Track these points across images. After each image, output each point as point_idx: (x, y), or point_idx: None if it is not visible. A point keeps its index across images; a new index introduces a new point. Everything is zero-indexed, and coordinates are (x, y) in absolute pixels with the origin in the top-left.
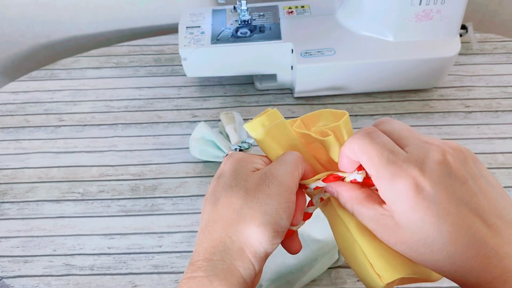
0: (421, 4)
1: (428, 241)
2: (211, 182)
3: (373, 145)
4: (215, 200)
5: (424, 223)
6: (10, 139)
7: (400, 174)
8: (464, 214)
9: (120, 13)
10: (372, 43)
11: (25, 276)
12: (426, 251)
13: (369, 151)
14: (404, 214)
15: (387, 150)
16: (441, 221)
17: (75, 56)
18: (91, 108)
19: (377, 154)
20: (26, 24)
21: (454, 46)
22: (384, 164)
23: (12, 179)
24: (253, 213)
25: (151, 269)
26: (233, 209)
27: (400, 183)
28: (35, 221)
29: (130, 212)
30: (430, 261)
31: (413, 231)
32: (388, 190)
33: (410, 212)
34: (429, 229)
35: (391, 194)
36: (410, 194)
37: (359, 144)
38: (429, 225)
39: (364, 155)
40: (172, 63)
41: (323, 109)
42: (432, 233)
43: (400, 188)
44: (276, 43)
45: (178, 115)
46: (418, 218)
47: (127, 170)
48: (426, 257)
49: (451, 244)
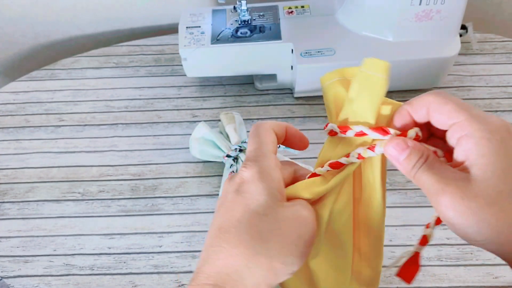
0: (421, 4)
1: (499, 197)
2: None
3: (452, 98)
4: None
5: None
6: (10, 139)
7: (491, 116)
8: None
9: (120, 13)
10: (372, 43)
11: (25, 276)
12: (505, 205)
13: (451, 101)
14: (494, 160)
15: (466, 103)
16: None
17: (75, 56)
18: (91, 108)
19: (462, 103)
20: (26, 24)
21: (454, 46)
22: (474, 108)
23: (12, 179)
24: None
25: (151, 269)
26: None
27: (496, 121)
28: (35, 221)
29: (130, 212)
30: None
31: (498, 179)
32: (483, 128)
33: (503, 155)
34: (503, 179)
35: (486, 132)
36: (506, 134)
37: (438, 97)
38: (504, 174)
39: (448, 104)
40: (172, 63)
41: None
42: (504, 183)
43: (497, 125)
44: (276, 43)
45: (178, 115)
46: (508, 163)
47: (127, 170)
48: (499, 217)
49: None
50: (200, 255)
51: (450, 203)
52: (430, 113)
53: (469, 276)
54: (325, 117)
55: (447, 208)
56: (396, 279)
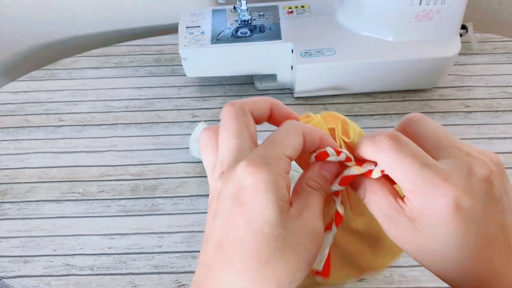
0: (421, 4)
1: (445, 252)
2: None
3: (406, 157)
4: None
5: (450, 236)
6: (10, 139)
7: (440, 193)
8: (492, 232)
9: (120, 13)
10: (372, 43)
11: (25, 276)
12: (435, 259)
13: (403, 165)
14: (432, 225)
15: (423, 164)
16: (469, 238)
17: (75, 56)
18: (91, 108)
19: (413, 170)
20: (26, 24)
21: (454, 46)
22: (422, 180)
23: (12, 179)
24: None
25: (151, 269)
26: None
27: (439, 202)
28: (35, 221)
29: (130, 212)
30: (435, 266)
31: (433, 240)
32: (423, 205)
33: (440, 225)
34: (452, 242)
35: (425, 209)
36: (448, 211)
37: (389, 156)
38: (454, 240)
39: (397, 169)
40: (172, 63)
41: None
42: (454, 247)
43: (438, 205)
44: (276, 43)
45: (178, 115)
46: (446, 231)
47: (127, 170)
48: (432, 263)
49: (468, 259)
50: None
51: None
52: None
53: None
54: None
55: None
56: (396, 279)
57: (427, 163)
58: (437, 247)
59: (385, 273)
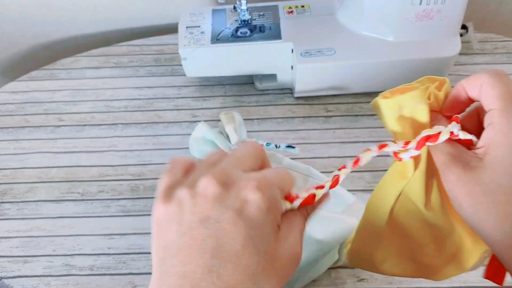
0: (421, 4)
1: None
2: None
3: (505, 81)
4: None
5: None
6: (10, 139)
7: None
8: None
9: (120, 13)
10: (372, 43)
11: (25, 276)
12: (497, 199)
13: (500, 86)
14: (505, 154)
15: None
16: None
17: (75, 56)
18: (90, 108)
19: (508, 91)
20: (26, 24)
21: (454, 46)
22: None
23: (11, 179)
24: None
25: (151, 269)
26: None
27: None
28: (35, 221)
29: (130, 212)
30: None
31: (503, 173)
32: (505, 123)
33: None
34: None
35: (506, 127)
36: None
37: (491, 79)
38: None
39: (494, 89)
40: (172, 63)
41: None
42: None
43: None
44: (276, 43)
45: (178, 115)
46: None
47: (127, 170)
48: (492, 209)
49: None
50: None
51: (455, 183)
52: (481, 93)
53: (469, 276)
54: (325, 117)
55: (452, 186)
56: (396, 279)
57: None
58: (505, 180)
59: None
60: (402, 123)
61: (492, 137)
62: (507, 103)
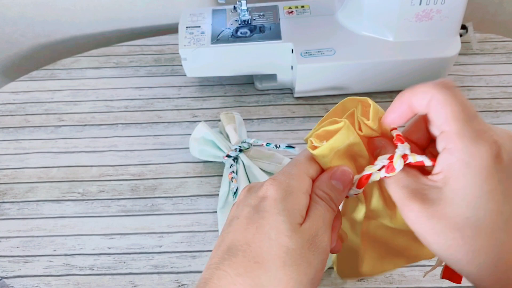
0: (421, 4)
1: (478, 222)
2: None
3: (458, 98)
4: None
5: (487, 198)
6: (10, 139)
7: (484, 136)
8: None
9: (120, 13)
10: (372, 43)
11: (25, 276)
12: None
13: (453, 104)
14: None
15: (472, 110)
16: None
17: (75, 56)
18: (91, 108)
19: (463, 109)
20: (26, 24)
21: (454, 46)
22: (470, 121)
23: (12, 179)
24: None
25: (151, 269)
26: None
27: (483, 145)
28: (35, 221)
29: (130, 212)
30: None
31: (467, 206)
32: (465, 150)
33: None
34: (488, 207)
35: (467, 155)
36: (489, 160)
37: (441, 95)
38: (492, 203)
39: (446, 107)
40: (172, 63)
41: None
42: (490, 214)
43: (482, 150)
44: (276, 43)
45: (178, 115)
46: (483, 191)
47: (127, 170)
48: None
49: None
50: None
51: (415, 220)
52: (430, 109)
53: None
54: None
55: (413, 223)
56: (396, 279)
57: (477, 114)
58: (471, 215)
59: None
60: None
61: (451, 165)
62: (463, 125)
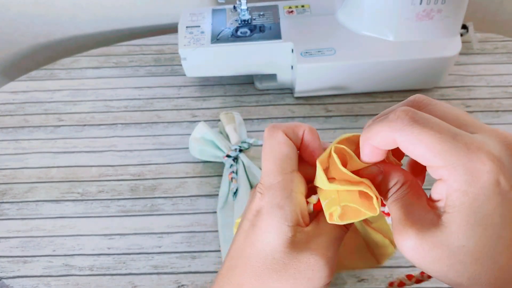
0: (421, 3)
1: (476, 248)
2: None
3: (427, 131)
4: None
5: (484, 224)
6: (10, 139)
7: (480, 163)
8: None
9: (120, 13)
10: (373, 43)
11: (25, 277)
12: (463, 260)
13: (424, 139)
14: (466, 212)
15: (454, 133)
16: (506, 225)
17: (75, 56)
18: (90, 108)
19: (438, 141)
20: (25, 24)
21: (454, 46)
22: (453, 150)
23: (11, 179)
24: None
25: (151, 269)
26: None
27: (479, 171)
28: (35, 221)
29: (130, 212)
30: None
31: (464, 233)
32: (461, 180)
33: (475, 209)
34: (485, 234)
35: (464, 185)
36: (489, 187)
37: (408, 135)
38: (490, 228)
39: (419, 146)
40: (172, 63)
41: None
42: (488, 240)
43: (478, 176)
44: (276, 42)
45: (178, 115)
46: (480, 217)
47: (126, 170)
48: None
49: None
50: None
51: (411, 246)
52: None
53: None
54: (325, 117)
55: (408, 249)
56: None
57: (456, 133)
58: (468, 242)
59: (385, 273)
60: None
61: (449, 195)
62: (450, 157)
